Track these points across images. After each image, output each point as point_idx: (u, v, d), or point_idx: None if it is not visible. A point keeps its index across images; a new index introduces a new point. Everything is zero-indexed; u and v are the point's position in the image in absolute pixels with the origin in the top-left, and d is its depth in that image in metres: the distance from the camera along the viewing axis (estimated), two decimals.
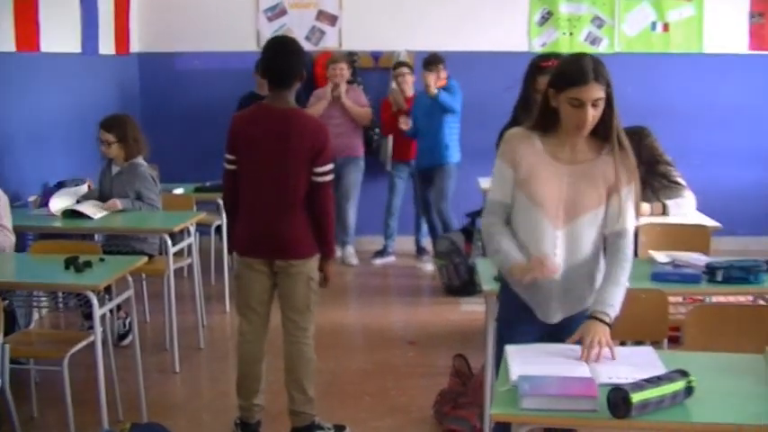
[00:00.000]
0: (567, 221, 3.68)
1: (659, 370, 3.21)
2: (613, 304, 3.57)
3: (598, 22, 9.93)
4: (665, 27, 10.00)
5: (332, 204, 5.04)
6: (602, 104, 3.56)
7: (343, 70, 9.12)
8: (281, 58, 4.86)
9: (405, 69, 9.21)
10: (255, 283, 5.00)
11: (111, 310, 5.44)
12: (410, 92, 9.20)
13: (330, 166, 4.94)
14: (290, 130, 4.82)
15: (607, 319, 3.51)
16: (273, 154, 4.81)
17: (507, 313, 3.90)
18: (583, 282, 3.75)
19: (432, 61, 8.72)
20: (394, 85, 9.32)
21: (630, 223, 3.67)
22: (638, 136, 6.35)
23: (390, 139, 9.61)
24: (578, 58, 3.63)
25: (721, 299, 5.40)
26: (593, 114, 3.54)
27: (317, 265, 5.04)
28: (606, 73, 3.57)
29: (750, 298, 5.23)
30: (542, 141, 3.72)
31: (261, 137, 4.83)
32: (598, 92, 3.52)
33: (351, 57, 9.58)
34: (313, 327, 5.12)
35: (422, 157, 9.07)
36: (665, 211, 6.28)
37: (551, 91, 3.64)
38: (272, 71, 4.88)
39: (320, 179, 4.89)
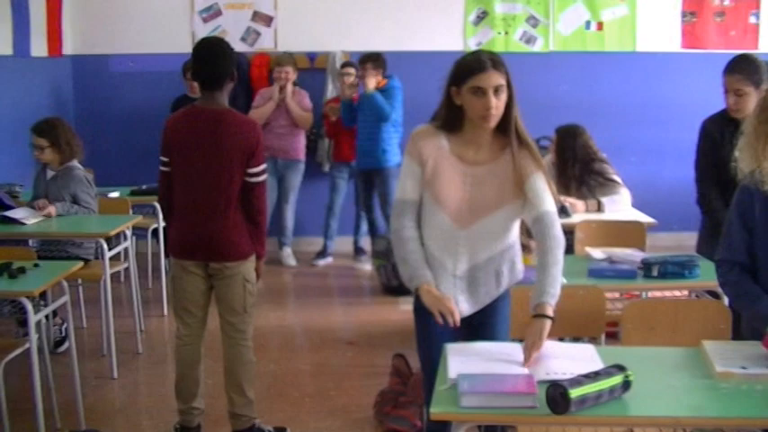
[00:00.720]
0: (471, 222, 3.70)
1: (597, 365, 3.23)
2: (549, 290, 3.56)
3: (533, 21, 9.98)
4: (600, 26, 10.08)
5: (266, 204, 5.03)
6: (503, 93, 3.60)
7: (289, 73, 9.11)
8: (211, 60, 4.82)
9: (350, 69, 9.19)
10: (191, 285, 4.96)
11: (46, 317, 5.36)
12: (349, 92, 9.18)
13: (263, 167, 4.92)
14: (222, 131, 4.79)
15: (549, 311, 3.51)
16: (206, 155, 4.77)
17: (421, 304, 3.89)
18: (488, 279, 3.79)
19: (366, 60, 8.71)
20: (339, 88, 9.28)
21: (549, 205, 3.66)
22: (572, 134, 6.42)
23: (327, 139, 9.59)
24: (474, 52, 3.74)
25: (657, 294, 5.46)
26: (495, 103, 3.58)
27: (253, 266, 5.01)
28: (503, 64, 3.62)
29: (685, 292, 5.29)
30: (449, 140, 3.74)
31: (193, 139, 4.79)
32: (498, 78, 3.57)
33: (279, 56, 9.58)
34: (251, 329, 5.09)
35: (361, 159, 9.04)
36: (600, 208, 6.35)
37: (454, 89, 3.69)
38: (203, 73, 4.85)
39: (254, 179, 4.87)
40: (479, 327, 3.80)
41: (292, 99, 9.11)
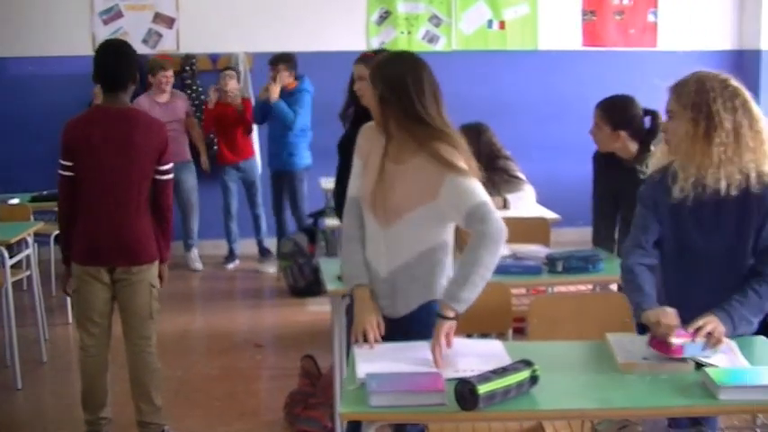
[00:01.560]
0: (391, 222, 3.65)
1: (505, 361, 3.25)
2: (453, 291, 3.48)
3: (435, 20, 10.04)
4: (502, 25, 10.17)
5: (172, 205, 5.00)
6: (372, 89, 3.64)
7: (170, 78, 9.05)
8: (113, 62, 4.77)
9: (230, 71, 9.14)
10: (95, 294, 4.84)
11: None
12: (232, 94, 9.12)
13: (171, 165, 4.90)
14: (134, 129, 4.73)
15: (447, 312, 3.44)
16: (118, 154, 4.69)
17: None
18: (408, 283, 3.68)
19: (278, 60, 8.68)
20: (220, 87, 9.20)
21: (475, 199, 3.50)
22: (476, 132, 6.47)
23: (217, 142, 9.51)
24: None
25: (562, 289, 5.53)
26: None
27: (157, 271, 4.94)
28: (383, 66, 3.67)
29: (590, 286, 5.36)
30: (386, 139, 3.72)
31: (101, 139, 4.69)
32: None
33: (188, 59, 9.48)
34: (155, 335, 5.02)
35: (271, 160, 9.02)
36: (505, 205, 6.40)
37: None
38: (105, 75, 4.78)
39: (164, 177, 4.84)
40: (400, 335, 3.65)
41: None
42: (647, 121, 5.11)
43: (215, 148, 9.43)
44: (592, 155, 5.43)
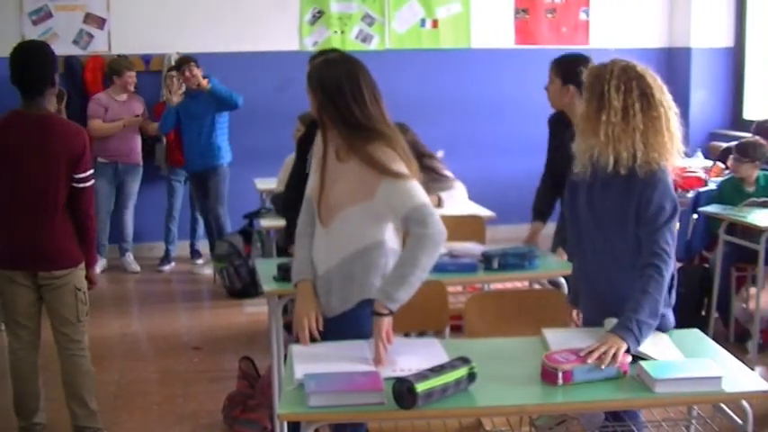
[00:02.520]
0: (330, 220, 3.69)
1: (443, 359, 3.26)
2: (387, 288, 3.49)
3: (369, 20, 10.04)
4: (435, 24, 10.20)
5: (94, 209, 4.92)
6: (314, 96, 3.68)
7: (133, 78, 9.00)
8: (28, 66, 4.68)
9: (173, 73, 9.08)
10: (20, 297, 4.79)
11: None
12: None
13: (90, 172, 4.80)
14: (49, 136, 4.66)
15: (380, 309, 3.45)
16: (33, 161, 4.62)
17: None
18: (343, 281, 3.69)
19: (185, 62, 8.65)
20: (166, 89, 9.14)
21: (413, 202, 3.52)
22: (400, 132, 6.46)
23: (164, 143, 9.45)
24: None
25: (499, 286, 5.56)
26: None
27: (83, 274, 4.87)
28: (319, 70, 3.71)
29: (526, 283, 5.40)
30: (327, 140, 3.74)
31: (16, 144, 4.63)
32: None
33: (124, 60, 9.41)
34: (87, 338, 4.96)
35: (193, 162, 8.93)
36: (440, 204, 6.41)
37: None
38: (22, 80, 4.69)
39: (81, 185, 4.74)
40: (336, 334, 3.68)
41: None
42: None
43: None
44: (547, 118, 5.57)
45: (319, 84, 3.64)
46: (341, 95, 3.59)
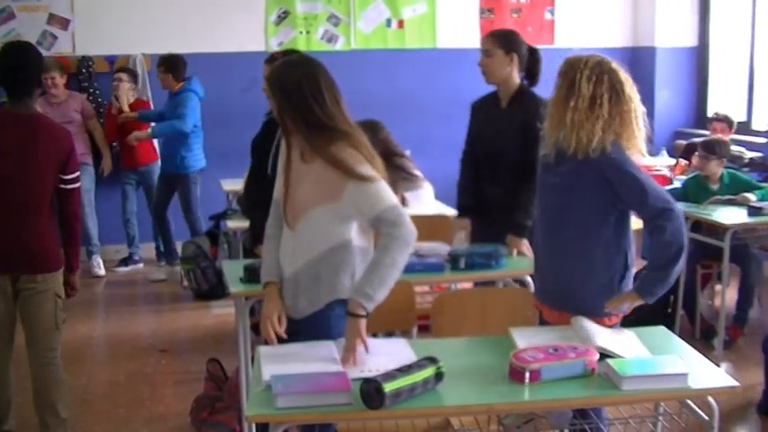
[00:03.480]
0: (296, 220, 3.68)
1: (410, 359, 3.27)
2: (362, 288, 3.48)
3: (334, 20, 10.03)
4: (400, 24, 10.21)
5: (78, 214, 4.88)
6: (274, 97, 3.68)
7: (56, 79, 8.80)
8: (20, 67, 4.64)
9: (121, 75, 9.02)
10: None
11: None
12: (125, 99, 8.99)
13: (78, 173, 4.76)
14: (37, 135, 4.60)
15: (357, 309, 3.46)
16: (20, 160, 4.55)
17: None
18: (311, 283, 3.68)
19: (159, 64, 8.65)
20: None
21: (383, 204, 3.55)
22: (371, 129, 6.46)
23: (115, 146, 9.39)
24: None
25: (466, 285, 5.56)
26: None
27: (62, 281, 4.80)
28: (279, 73, 3.70)
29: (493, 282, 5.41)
30: (290, 141, 3.74)
31: (3, 144, 4.57)
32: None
33: (85, 61, 9.33)
34: (60, 347, 4.88)
35: (164, 164, 8.94)
36: (404, 204, 6.42)
37: None
38: (11, 79, 4.65)
39: (69, 186, 4.71)
40: (305, 335, 3.68)
41: (68, 105, 8.92)
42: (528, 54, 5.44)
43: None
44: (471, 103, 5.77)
45: (279, 85, 3.63)
46: (301, 96, 3.58)
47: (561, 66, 3.86)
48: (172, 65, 8.63)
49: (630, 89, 3.79)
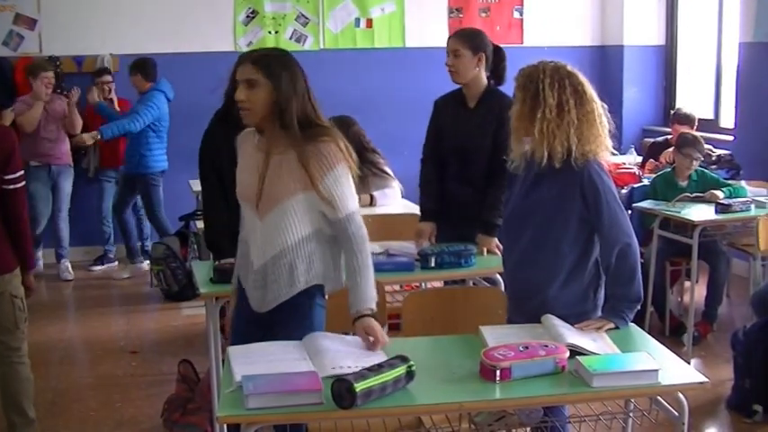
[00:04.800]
0: (267, 211, 3.68)
1: (381, 358, 3.27)
2: (364, 296, 3.62)
3: (303, 20, 10.03)
4: (369, 23, 10.23)
5: (26, 212, 4.79)
6: (257, 89, 3.61)
7: (51, 79, 8.79)
8: None
9: (109, 77, 9.01)
10: None
11: None
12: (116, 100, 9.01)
13: (21, 173, 4.68)
14: None
15: (369, 312, 3.58)
16: None
17: (236, 300, 3.95)
18: (281, 273, 3.69)
19: (131, 67, 8.63)
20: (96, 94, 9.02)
21: (347, 208, 3.62)
22: (344, 125, 6.48)
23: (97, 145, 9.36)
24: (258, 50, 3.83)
25: (437, 284, 5.56)
26: (246, 95, 3.62)
27: (19, 280, 4.74)
28: (271, 63, 3.64)
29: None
30: (259, 136, 3.74)
31: None
32: (248, 72, 3.62)
33: (53, 62, 9.27)
34: (26, 345, 4.85)
35: (125, 163, 8.93)
36: (372, 203, 6.43)
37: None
38: None
39: (12, 186, 4.62)
40: (274, 326, 3.72)
41: (50, 107, 8.85)
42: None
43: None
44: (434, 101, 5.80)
45: (285, 69, 3.64)
46: (298, 90, 3.62)
47: (518, 79, 3.84)
48: (141, 66, 8.62)
49: (590, 89, 3.79)
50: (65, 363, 6.80)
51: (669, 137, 8.52)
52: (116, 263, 9.49)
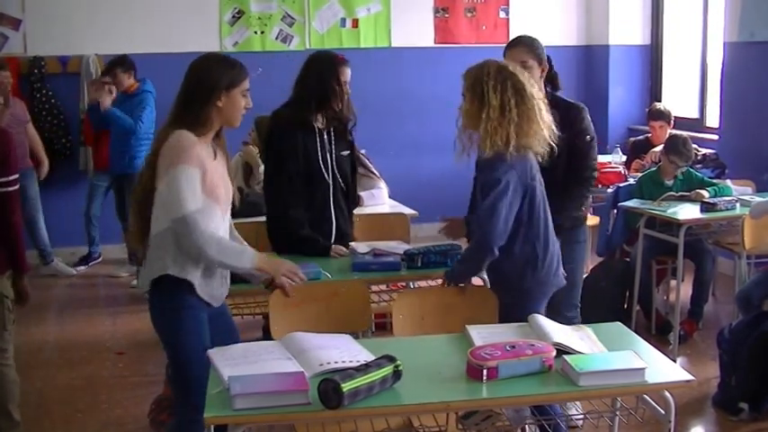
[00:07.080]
0: (226, 210, 3.95)
1: (366, 356, 3.27)
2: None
3: (289, 20, 10.02)
4: (355, 23, 10.23)
5: (20, 215, 4.75)
6: None
7: (9, 78, 8.52)
8: None
9: (106, 79, 8.97)
10: None
11: None
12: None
13: (16, 176, 4.67)
14: None
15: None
16: None
17: (185, 302, 4.06)
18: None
19: (114, 65, 8.56)
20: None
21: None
22: None
23: (90, 147, 9.34)
24: (228, 58, 4.12)
25: (423, 283, 5.56)
26: None
27: (9, 282, 4.72)
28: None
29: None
30: (201, 142, 3.84)
31: None
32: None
33: (37, 62, 9.23)
34: (12, 347, 4.82)
35: (114, 164, 8.84)
36: (359, 203, 6.42)
37: (222, 91, 3.87)
38: None
39: (6, 189, 4.61)
40: (218, 317, 4.01)
41: (8, 111, 8.51)
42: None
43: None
44: None
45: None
46: None
47: (466, 79, 4.14)
48: (129, 64, 8.56)
49: (531, 87, 4.07)
50: (50, 364, 6.77)
51: (649, 134, 8.54)
52: (100, 259, 9.44)
